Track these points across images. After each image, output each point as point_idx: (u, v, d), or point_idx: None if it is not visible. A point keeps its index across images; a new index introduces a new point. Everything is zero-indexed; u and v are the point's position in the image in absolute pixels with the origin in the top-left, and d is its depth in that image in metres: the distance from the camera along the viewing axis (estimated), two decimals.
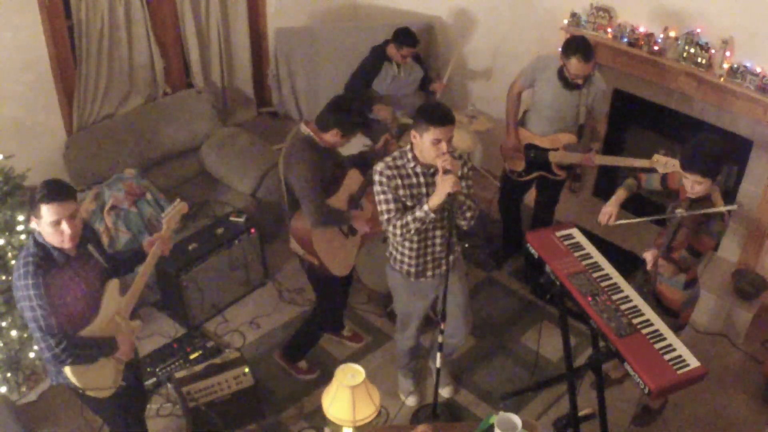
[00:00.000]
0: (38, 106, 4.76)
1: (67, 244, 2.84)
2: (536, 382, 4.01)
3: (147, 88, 5.38)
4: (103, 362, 3.02)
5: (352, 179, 3.86)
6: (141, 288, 3.19)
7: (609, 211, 3.63)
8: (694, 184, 3.33)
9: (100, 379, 3.03)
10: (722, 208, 3.36)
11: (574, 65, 4.23)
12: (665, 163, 4.12)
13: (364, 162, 3.98)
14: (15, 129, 4.63)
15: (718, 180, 3.35)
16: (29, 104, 4.70)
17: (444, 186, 3.19)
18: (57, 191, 2.77)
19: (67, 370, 2.92)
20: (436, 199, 3.25)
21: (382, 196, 3.37)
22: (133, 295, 3.16)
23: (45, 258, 2.83)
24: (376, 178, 3.37)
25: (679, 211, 3.38)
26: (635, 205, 3.73)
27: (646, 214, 3.74)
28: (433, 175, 3.35)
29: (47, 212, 2.76)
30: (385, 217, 3.39)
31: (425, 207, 3.28)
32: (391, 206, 3.36)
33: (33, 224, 2.84)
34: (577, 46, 4.23)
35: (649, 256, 3.50)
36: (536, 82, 4.50)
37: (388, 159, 3.41)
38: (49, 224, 2.77)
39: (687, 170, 3.33)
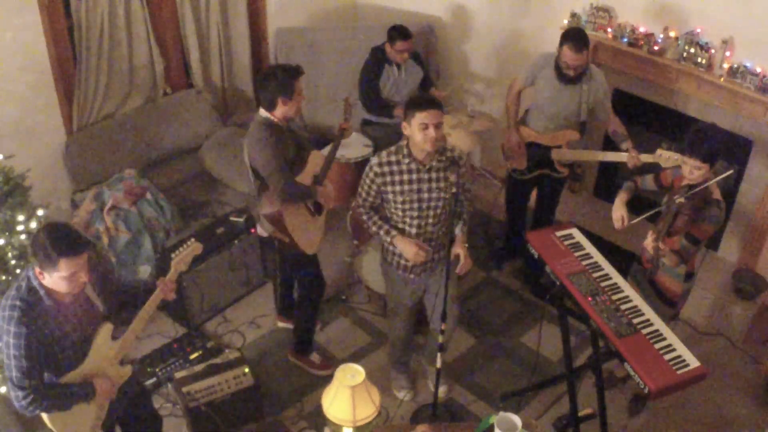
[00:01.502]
0: (38, 106, 4.76)
1: (77, 290, 2.74)
2: (536, 382, 4.01)
3: (147, 88, 5.38)
4: (83, 408, 2.89)
5: (315, 160, 3.91)
6: (138, 333, 3.03)
7: (620, 215, 3.67)
8: (693, 170, 3.43)
9: (77, 425, 2.90)
10: (721, 176, 3.46)
11: (565, 54, 4.23)
12: (668, 158, 4.13)
13: (320, 143, 4.20)
14: (15, 129, 4.63)
15: (715, 167, 3.46)
16: (29, 104, 4.70)
17: (407, 252, 3.53)
18: (73, 243, 2.64)
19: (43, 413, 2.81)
20: (401, 246, 3.55)
21: (364, 184, 3.56)
22: (128, 341, 2.99)
23: (33, 304, 2.69)
24: (367, 169, 3.53)
25: (677, 198, 3.44)
26: (633, 204, 3.78)
27: (644, 211, 3.76)
28: (429, 171, 3.43)
29: (67, 266, 2.62)
30: (358, 201, 3.64)
31: (387, 239, 3.56)
32: (364, 195, 3.58)
33: (32, 273, 2.68)
34: (569, 35, 4.24)
35: (648, 241, 3.54)
36: (537, 80, 4.50)
37: (384, 154, 3.49)
38: (65, 277, 2.64)
39: (687, 155, 3.42)
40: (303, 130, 4.64)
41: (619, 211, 3.68)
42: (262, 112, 3.70)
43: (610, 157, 4.59)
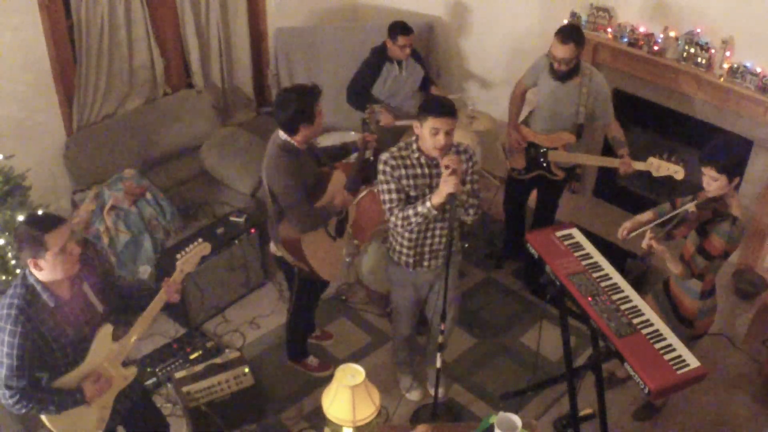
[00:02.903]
0: (38, 106, 4.76)
1: (76, 268, 2.74)
2: (536, 382, 4.01)
3: (147, 88, 5.38)
4: (84, 410, 2.88)
5: (337, 182, 3.82)
6: (140, 334, 3.02)
7: (626, 225, 3.54)
8: (710, 180, 3.30)
9: (78, 428, 2.89)
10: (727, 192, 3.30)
11: (553, 47, 4.23)
12: (658, 167, 4.11)
13: (345, 153, 4.03)
14: (15, 129, 4.64)
15: (734, 183, 3.30)
16: (29, 104, 4.70)
17: (446, 186, 3.21)
18: (50, 219, 2.68)
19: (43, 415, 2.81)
20: (437, 198, 3.27)
21: (384, 186, 3.41)
22: (130, 342, 2.98)
23: (32, 302, 2.69)
24: (381, 167, 3.41)
25: (689, 206, 3.36)
26: (636, 208, 3.77)
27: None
28: (437, 166, 3.37)
29: (54, 240, 2.62)
30: (387, 206, 3.43)
31: (428, 204, 3.30)
32: (393, 195, 3.40)
33: (31, 270, 2.68)
34: (561, 28, 4.24)
35: (646, 234, 3.38)
36: (538, 81, 4.50)
37: (394, 149, 3.45)
38: (57, 253, 2.64)
39: (704, 163, 3.29)
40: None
41: (630, 222, 3.55)
42: (282, 135, 3.56)
43: (604, 162, 4.59)
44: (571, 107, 4.41)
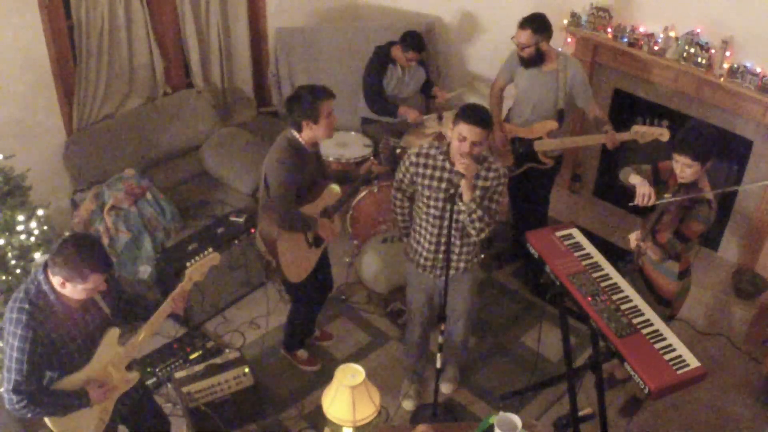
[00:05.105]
0: (38, 106, 4.76)
1: (89, 297, 2.78)
2: (536, 382, 4.01)
3: (147, 88, 5.38)
4: (85, 410, 2.89)
5: (331, 193, 3.87)
6: (145, 340, 3.03)
7: (649, 192, 3.48)
8: (684, 167, 3.36)
9: (79, 428, 2.90)
10: (720, 191, 3.40)
11: (516, 33, 4.36)
12: (643, 133, 4.22)
13: (344, 179, 4.07)
14: (15, 129, 4.64)
15: (707, 167, 3.39)
16: (29, 104, 4.70)
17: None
18: (104, 259, 2.70)
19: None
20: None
21: (401, 167, 3.60)
22: (134, 346, 3.01)
23: (42, 309, 2.71)
24: (405, 156, 3.56)
25: (666, 195, 3.42)
26: (624, 202, 3.78)
27: (636, 208, 3.74)
28: (456, 174, 3.37)
29: (96, 280, 2.68)
30: (395, 181, 3.66)
31: (405, 239, 3.62)
32: (400, 176, 3.60)
33: (50, 278, 2.70)
34: (526, 15, 4.35)
35: (632, 236, 3.55)
36: (515, 75, 4.54)
37: (425, 145, 3.53)
38: (89, 290, 2.70)
39: (679, 152, 3.36)
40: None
41: (646, 187, 3.48)
42: (293, 131, 3.65)
43: (589, 140, 4.60)
44: (550, 94, 4.45)
